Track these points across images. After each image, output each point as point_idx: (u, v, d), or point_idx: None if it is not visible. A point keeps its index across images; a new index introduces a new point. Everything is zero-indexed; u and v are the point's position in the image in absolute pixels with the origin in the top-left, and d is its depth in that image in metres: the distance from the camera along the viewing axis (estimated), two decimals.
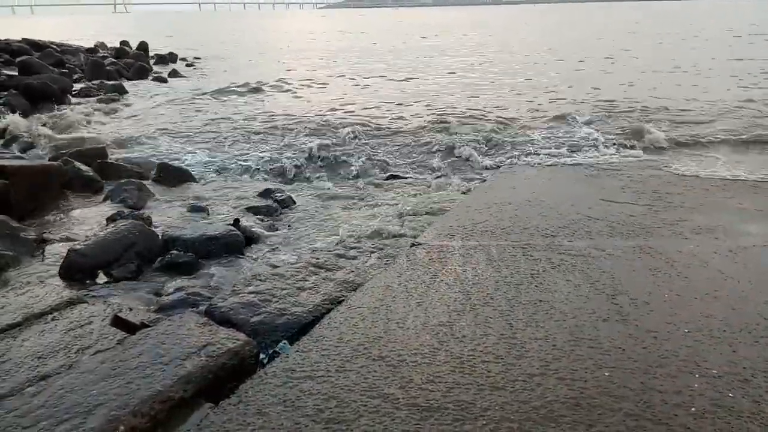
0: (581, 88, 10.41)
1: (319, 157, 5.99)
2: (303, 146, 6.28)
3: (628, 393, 1.92)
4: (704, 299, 2.59)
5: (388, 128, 7.19)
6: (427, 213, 4.37)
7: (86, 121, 7.95)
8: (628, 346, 2.20)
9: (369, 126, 7.29)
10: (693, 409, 1.84)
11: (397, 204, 4.79)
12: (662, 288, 2.71)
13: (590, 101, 8.97)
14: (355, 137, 6.37)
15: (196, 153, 6.52)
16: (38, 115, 8.08)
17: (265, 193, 5.02)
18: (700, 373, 2.03)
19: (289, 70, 14.82)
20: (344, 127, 7.15)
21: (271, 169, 5.81)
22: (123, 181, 5.06)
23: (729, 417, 1.80)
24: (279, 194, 4.97)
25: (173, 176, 5.40)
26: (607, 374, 2.02)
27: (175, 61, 17.40)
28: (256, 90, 10.97)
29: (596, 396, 1.91)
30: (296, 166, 5.77)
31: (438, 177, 5.33)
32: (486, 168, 5.38)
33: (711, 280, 2.79)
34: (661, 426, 1.76)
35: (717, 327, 2.34)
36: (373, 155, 5.86)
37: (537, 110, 8.34)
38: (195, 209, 4.42)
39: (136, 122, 8.16)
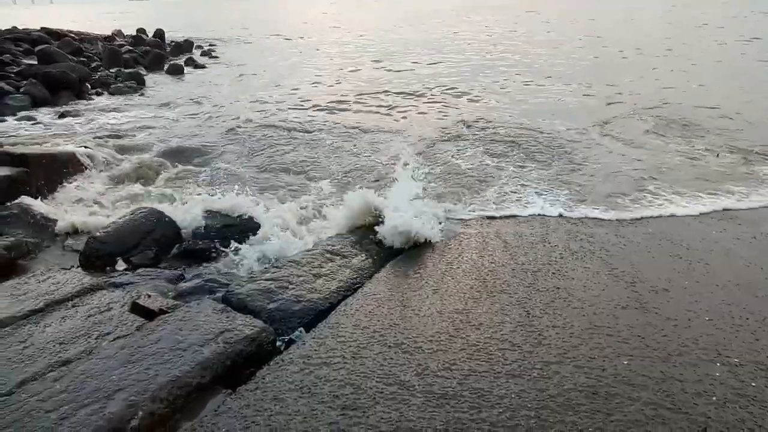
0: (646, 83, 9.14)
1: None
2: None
3: (647, 381, 1.90)
4: (726, 286, 2.54)
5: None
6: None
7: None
8: (648, 334, 2.18)
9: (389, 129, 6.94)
10: (714, 398, 1.81)
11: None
12: (682, 275, 2.66)
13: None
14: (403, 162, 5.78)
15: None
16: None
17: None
18: (722, 361, 2.00)
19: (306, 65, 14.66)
20: (365, 131, 6.90)
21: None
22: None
23: (751, 407, 1.77)
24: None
25: None
26: (625, 362, 2.00)
27: (190, 50, 17.41)
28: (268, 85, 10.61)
29: (614, 384, 1.89)
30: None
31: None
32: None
33: (733, 267, 2.74)
34: (681, 415, 1.74)
35: (739, 315, 2.29)
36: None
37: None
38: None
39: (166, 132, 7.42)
